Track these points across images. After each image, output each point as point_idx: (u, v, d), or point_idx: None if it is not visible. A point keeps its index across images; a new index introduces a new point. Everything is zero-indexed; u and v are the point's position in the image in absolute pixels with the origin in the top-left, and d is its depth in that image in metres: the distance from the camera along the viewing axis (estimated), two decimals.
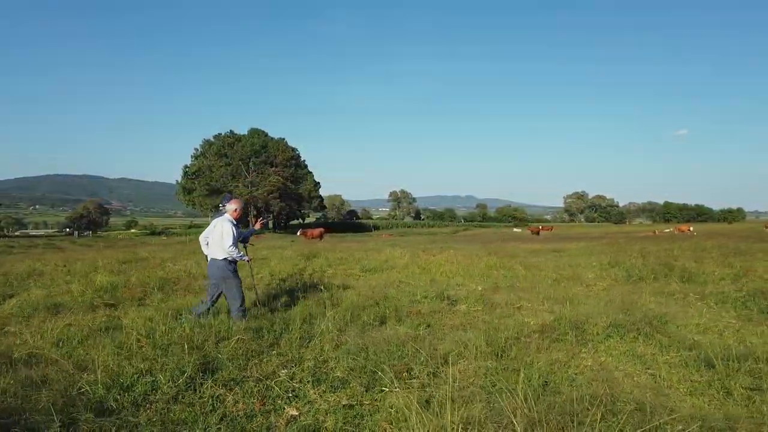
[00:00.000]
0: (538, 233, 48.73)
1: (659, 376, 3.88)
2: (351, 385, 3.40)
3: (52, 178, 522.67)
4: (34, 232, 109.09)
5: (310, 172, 67.82)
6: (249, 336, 4.17)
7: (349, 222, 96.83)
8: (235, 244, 5.22)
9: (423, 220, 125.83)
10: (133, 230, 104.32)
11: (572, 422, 2.34)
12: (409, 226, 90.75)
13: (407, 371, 3.56)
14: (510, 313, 5.95)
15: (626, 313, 5.47)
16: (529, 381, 3.09)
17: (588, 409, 2.64)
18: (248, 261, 5.55)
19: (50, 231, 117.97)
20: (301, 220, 73.41)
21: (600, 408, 2.55)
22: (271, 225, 62.09)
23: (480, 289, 7.94)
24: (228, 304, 5.29)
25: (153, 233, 78.66)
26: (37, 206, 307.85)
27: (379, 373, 3.47)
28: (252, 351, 3.88)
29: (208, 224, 5.62)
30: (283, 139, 64.91)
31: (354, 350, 3.89)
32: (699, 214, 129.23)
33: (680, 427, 2.45)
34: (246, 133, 63.16)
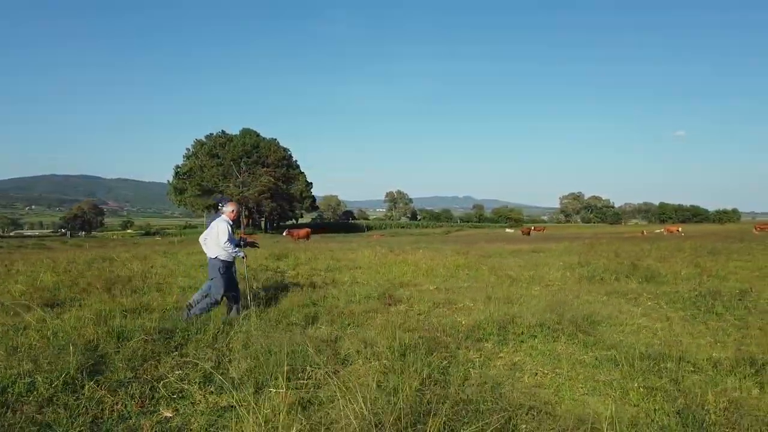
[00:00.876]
0: (528, 234, 48.77)
1: (565, 376, 3.85)
2: (244, 386, 3.37)
3: (50, 179, 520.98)
4: (28, 233, 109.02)
5: (302, 173, 67.67)
6: (156, 336, 4.13)
7: (341, 223, 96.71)
8: (230, 240, 5.62)
9: (419, 220, 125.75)
10: (129, 230, 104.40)
11: (412, 424, 2.31)
12: (403, 227, 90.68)
13: (302, 371, 3.53)
14: (447, 314, 5.93)
15: (557, 313, 5.44)
16: (404, 384, 3.05)
17: (451, 409, 2.60)
18: (243, 257, 5.87)
19: (45, 231, 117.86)
20: (294, 221, 73.29)
21: (450, 408, 2.51)
22: (263, 225, 62.06)
23: (432, 288, 7.92)
24: (200, 293, 5.71)
25: (148, 233, 78.79)
26: (33, 206, 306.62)
27: (272, 374, 3.44)
28: (153, 352, 3.84)
29: (203, 224, 5.85)
30: (275, 139, 64.93)
31: (258, 351, 3.85)
32: (695, 214, 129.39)
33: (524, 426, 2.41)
34: (238, 133, 63.11)
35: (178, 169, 61.71)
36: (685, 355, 4.49)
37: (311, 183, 69.87)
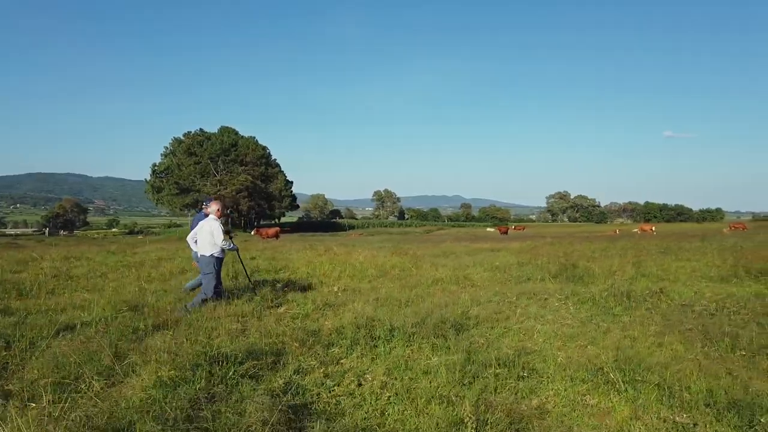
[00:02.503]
0: (506, 232, 48.80)
1: (380, 383, 3.64)
2: (13, 399, 3.13)
3: (35, 177, 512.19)
4: (10, 231, 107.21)
5: (282, 171, 66.95)
6: None
7: (322, 222, 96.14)
8: (225, 238, 6.31)
9: (407, 219, 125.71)
10: (114, 229, 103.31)
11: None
12: (386, 226, 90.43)
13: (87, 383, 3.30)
14: (325, 316, 5.71)
15: (422, 316, 5.25)
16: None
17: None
18: (236, 249, 6.63)
19: (28, 230, 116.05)
20: (277, 220, 72.69)
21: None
22: (242, 224, 61.41)
23: (335, 289, 7.73)
24: (201, 289, 6.28)
25: (132, 232, 78.07)
26: (18, 205, 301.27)
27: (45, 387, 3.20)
28: None
29: (188, 223, 6.29)
30: (254, 137, 64.01)
31: (47, 363, 3.60)
32: (679, 213, 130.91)
33: None
34: (216, 131, 62.30)
35: (156, 168, 60.78)
36: (535, 359, 4.33)
37: (291, 181, 69.21)
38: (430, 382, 3.70)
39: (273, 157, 66.66)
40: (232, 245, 6.42)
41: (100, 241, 42.21)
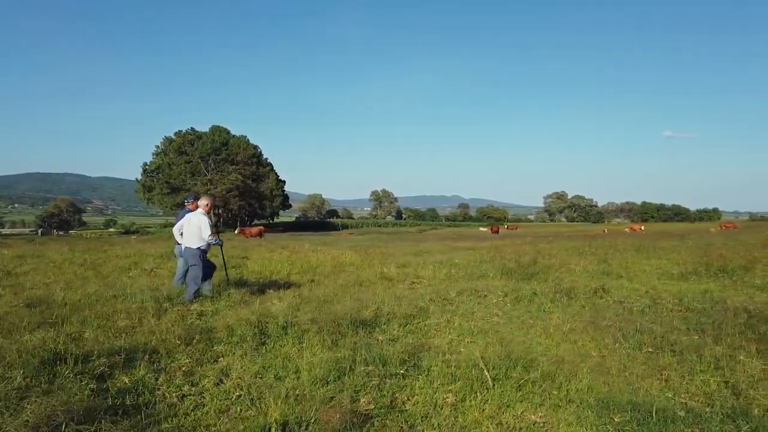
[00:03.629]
0: (497, 232, 48.62)
1: (240, 383, 3.43)
2: None
3: (33, 176, 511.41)
4: (6, 231, 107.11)
5: (273, 170, 66.61)
6: None
7: (315, 221, 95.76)
8: (212, 233, 6.46)
9: (405, 219, 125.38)
10: (111, 229, 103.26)
11: None
12: (380, 226, 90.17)
13: None
14: (232, 313, 5.51)
15: (326, 313, 5.05)
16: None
17: None
18: (221, 244, 6.82)
19: (25, 230, 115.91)
20: (270, 219, 72.40)
21: None
22: (236, 224, 61.17)
23: (266, 286, 7.57)
24: (187, 283, 6.51)
25: (128, 232, 77.94)
26: (16, 205, 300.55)
27: None
28: None
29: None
30: (245, 136, 63.73)
31: None
32: (676, 213, 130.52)
33: None
34: (207, 130, 62.05)
35: (146, 167, 60.53)
36: (426, 356, 4.11)
37: (283, 181, 68.86)
38: (297, 381, 3.50)
39: (264, 157, 66.42)
40: (217, 240, 6.61)
41: (87, 240, 42.16)
